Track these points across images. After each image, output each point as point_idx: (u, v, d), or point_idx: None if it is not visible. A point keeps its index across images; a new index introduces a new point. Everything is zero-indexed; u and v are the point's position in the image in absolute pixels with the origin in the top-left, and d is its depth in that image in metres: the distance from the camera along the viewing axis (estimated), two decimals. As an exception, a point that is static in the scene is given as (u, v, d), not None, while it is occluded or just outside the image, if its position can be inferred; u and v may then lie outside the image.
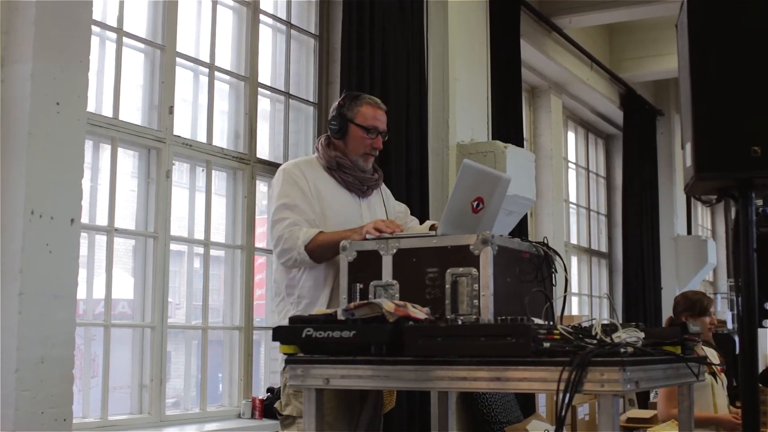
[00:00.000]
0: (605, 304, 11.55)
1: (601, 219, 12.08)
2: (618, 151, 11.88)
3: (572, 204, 11.14)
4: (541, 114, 9.87)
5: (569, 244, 10.66)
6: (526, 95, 9.70)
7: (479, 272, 3.04)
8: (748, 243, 2.32)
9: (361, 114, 3.85)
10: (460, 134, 6.97)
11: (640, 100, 11.42)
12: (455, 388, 2.98)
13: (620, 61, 11.08)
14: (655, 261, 11.64)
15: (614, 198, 12.08)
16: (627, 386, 2.56)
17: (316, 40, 6.59)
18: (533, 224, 9.30)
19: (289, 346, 2.96)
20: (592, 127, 11.88)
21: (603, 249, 11.97)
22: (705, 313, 5.57)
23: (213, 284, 5.77)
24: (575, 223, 11.25)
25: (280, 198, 3.71)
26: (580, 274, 11.23)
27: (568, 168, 11.02)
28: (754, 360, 2.33)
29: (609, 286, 11.87)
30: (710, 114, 2.30)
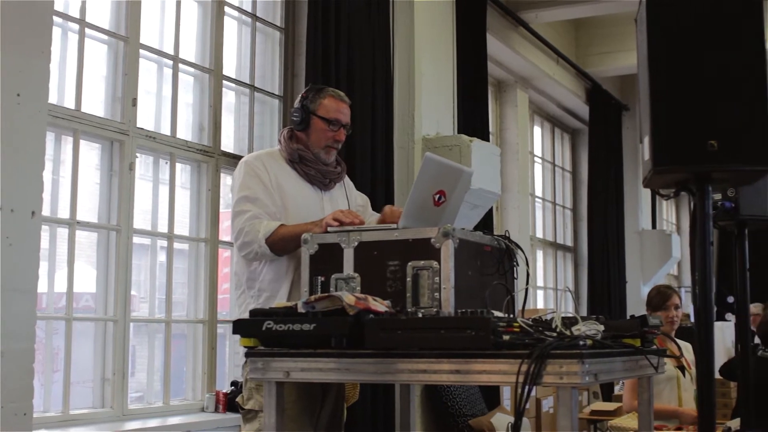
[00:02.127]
0: (570, 298, 11.61)
1: (567, 213, 12.14)
2: (584, 146, 11.94)
3: (538, 198, 11.18)
4: (508, 108, 9.90)
5: (535, 238, 10.70)
6: (493, 89, 9.72)
7: (440, 265, 3.04)
8: (705, 236, 2.33)
9: (324, 106, 3.84)
10: (426, 128, 6.97)
11: (605, 95, 11.48)
12: (415, 380, 2.98)
13: (586, 56, 11.13)
14: (619, 255, 11.72)
15: (580, 192, 12.14)
16: (586, 378, 2.57)
17: (282, 33, 6.57)
18: (499, 218, 9.32)
19: (249, 339, 2.95)
20: (558, 121, 11.93)
21: (568, 243, 12.03)
22: (659, 307, 5.60)
23: (177, 277, 5.73)
24: (541, 217, 11.29)
25: (241, 191, 3.69)
26: (546, 268, 11.28)
27: (534, 162, 11.05)
28: (710, 353, 2.35)
29: (574, 280, 11.93)
30: (668, 108, 2.31)
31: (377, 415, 5.99)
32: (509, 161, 9.56)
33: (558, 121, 11.94)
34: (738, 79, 2.31)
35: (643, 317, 3.09)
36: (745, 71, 2.32)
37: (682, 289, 14.89)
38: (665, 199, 2.56)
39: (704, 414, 2.35)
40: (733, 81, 2.31)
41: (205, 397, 5.61)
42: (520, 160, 9.72)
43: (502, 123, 9.85)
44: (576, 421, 2.58)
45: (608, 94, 11.53)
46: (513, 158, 9.64)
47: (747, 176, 2.40)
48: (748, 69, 2.32)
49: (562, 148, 12.23)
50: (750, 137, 2.28)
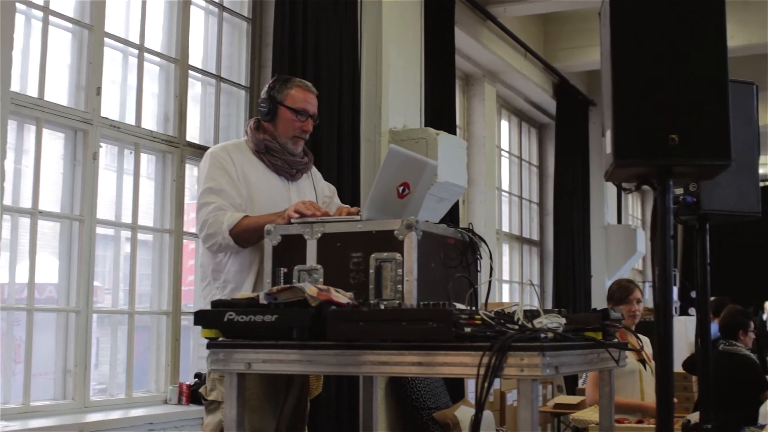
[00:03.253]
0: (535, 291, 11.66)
1: (533, 207, 12.19)
2: (550, 140, 12.00)
3: (504, 192, 11.22)
4: (475, 102, 9.92)
5: (501, 232, 10.74)
6: (460, 83, 9.74)
7: (403, 257, 3.04)
8: (666, 230, 2.35)
9: (291, 96, 3.83)
10: (393, 121, 6.97)
11: (572, 90, 11.53)
12: (377, 372, 2.98)
13: (554, 51, 11.17)
14: (585, 249, 11.79)
15: (546, 186, 12.20)
16: (547, 371, 2.58)
17: (249, 23, 6.54)
18: (465, 211, 9.34)
19: (210, 330, 2.94)
20: (525, 116, 11.97)
21: (534, 237, 12.08)
22: (622, 301, 5.64)
23: (141, 269, 5.70)
24: (507, 211, 11.33)
25: (206, 182, 3.68)
26: (511, 262, 11.32)
27: (501, 156, 11.08)
28: (669, 346, 2.36)
29: (539, 274, 11.99)
30: (630, 102, 2.32)
31: (341, 408, 5.99)
32: (476, 155, 9.58)
33: (525, 116, 11.98)
34: (699, 74, 2.33)
35: (605, 310, 3.10)
36: (706, 66, 2.34)
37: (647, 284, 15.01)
38: (627, 192, 2.58)
39: (662, 406, 2.36)
40: (695, 76, 2.32)
41: (169, 389, 5.58)
42: (487, 153, 9.74)
43: (470, 117, 9.87)
44: (537, 413, 2.59)
45: (575, 89, 11.58)
46: (480, 152, 9.66)
47: (708, 171, 2.42)
48: (710, 64, 2.34)
49: (529, 142, 12.27)
50: (711, 132, 2.30)
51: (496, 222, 10.34)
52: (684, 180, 2.83)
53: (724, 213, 3.19)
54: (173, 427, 5.29)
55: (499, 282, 10.41)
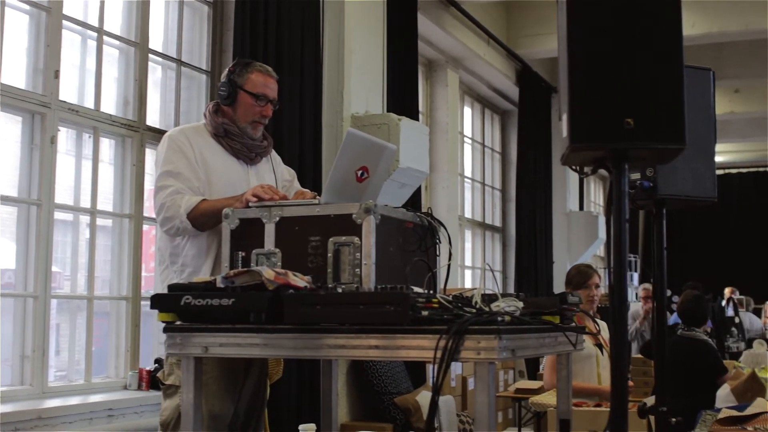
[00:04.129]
0: (498, 278, 11.71)
1: (496, 194, 12.23)
2: (513, 127, 12.03)
3: (467, 178, 11.24)
4: (438, 88, 9.92)
5: (463, 218, 10.76)
6: (423, 69, 9.73)
7: (361, 241, 3.04)
8: (621, 213, 2.36)
9: (252, 81, 3.81)
10: (355, 106, 6.95)
11: (535, 77, 11.56)
12: (334, 355, 2.98)
13: (517, 37, 11.18)
14: (547, 236, 11.85)
15: (509, 173, 12.23)
16: (503, 354, 2.59)
17: (210, 7, 6.49)
18: (427, 198, 9.36)
19: (167, 314, 2.93)
20: (488, 102, 11.99)
21: (497, 223, 12.13)
22: (581, 285, 5.67)
23: (100, 254, 5.65)
24: (470, 198, 11.35)
25: (164, 165, 3.65)
26: (474, 248, 11.36)
27: (464, 142, 11.09)
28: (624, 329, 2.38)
29: (502, 260, 12.04)
30: (586, 86, 2.33)
31: (302, 393, 5.99)
32: (439, 141, 9.59)
33: (488, 102, 12.00)
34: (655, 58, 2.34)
35: (563, 295, 3.12)
36: (662, 50, 2.35)
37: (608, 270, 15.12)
38: (583, 176, 2.59)
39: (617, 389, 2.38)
40: (651, 60, 2.34)
41: (128, 374, 5.55)
42: (450, 140, 9.75)
43: (433, 103, 9.87)
44: (493, 396, 2.60)
45: (538, 76, 11.61)
46: (442, 138, 9.67)
47: (663, 155, 2.43)
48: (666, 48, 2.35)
49: (492, 128, 12.30)
50: (665, 116, 2.31)
51: (459, 208, 10.36)
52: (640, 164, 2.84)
53: (680, 198, 3.21)
54: (133, 412, 5.27)
55: (462, 268, 10.44)
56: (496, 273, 11.83)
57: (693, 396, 6.10)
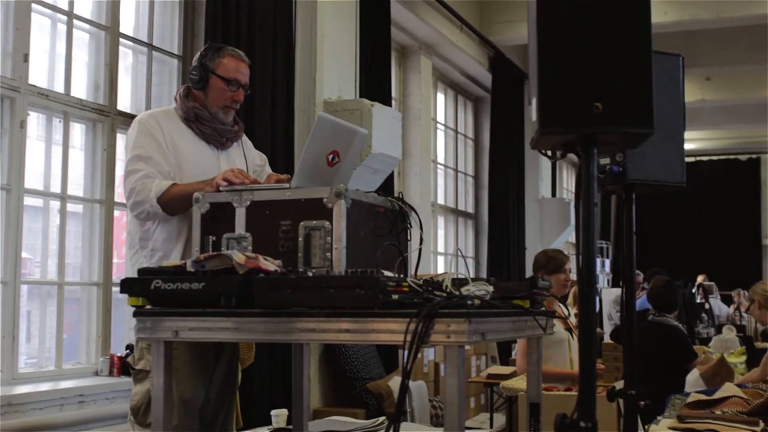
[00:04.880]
0: (470, 264, 11.74)
1: (469, 180, 12.25)
2: (486, 114, 12.05)
3: (440, 165, 11.25)
4: (411, 74, 9.92)
5: (436, 204, 10.78)
6: (396, 55, 9.72)
7: (332, 225, 3.04)
8: (589, 198, 2.37)
9: (223, 65, 3.79)
10: (327, 92, 6.94)
11: (508, 64, 11.57)
12: (305, 339, 2.98)
13: (490, 24, 11.19)
14: (520, 222, 11.89)
15: (481, 160, 12.26)
16: (473, 337, 2.60)
17: (181, -9, 6.47)
18: (400, 184, 9.36)
19: (137, 298, 2.91)
20: (461, 89, 12.00)
21: (470, 210, 12.15)
22: (558, 270, 5.71)
23: (71, 240, 5.62)
24: (442, 184, 11.37)
25: (134, 149, 3.63)
26: (447, 234, 11.38)
27: (437, 129, 11.11)
28: (592, 313, 2.39)
29: (474, 247, 12.07)
30: (555, 70, 2.33)
31: (275, 379, 5.99)
32: (412, 127, 9.60)
33: (461, 89, 12.01)
34: (624, 42, 2.34)
35: (533, 279, 3.14)
36: (631, 35, 2.35)
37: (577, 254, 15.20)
38: (552, 160, 2.59)
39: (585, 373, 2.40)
40: (620, 44, 2.34)
41: (100, 360, 5.53)
42: (423, 126, 9.75)
43: (406, 89, 9.87)
44: (463, 379, 2.61)
45: (511, 63, 11.63)
46: (415, 124, 9.67)
47: (631, 139, 2.44)
48: (635, 32, 2.36)
49: (465, 115, 12.31)
50: (634, 101, 2.32)
51: (432, 194, 10.37)
52: (609, 149, 2.85)
53: (649, 182, 3.22)
54: (104, 398, 5.25)
55: (434, 254, 10.46)
56: (469, 259, 11.86)
57: (663, 381, 6.15)
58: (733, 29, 12.05)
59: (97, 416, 5.11)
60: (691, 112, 15.59)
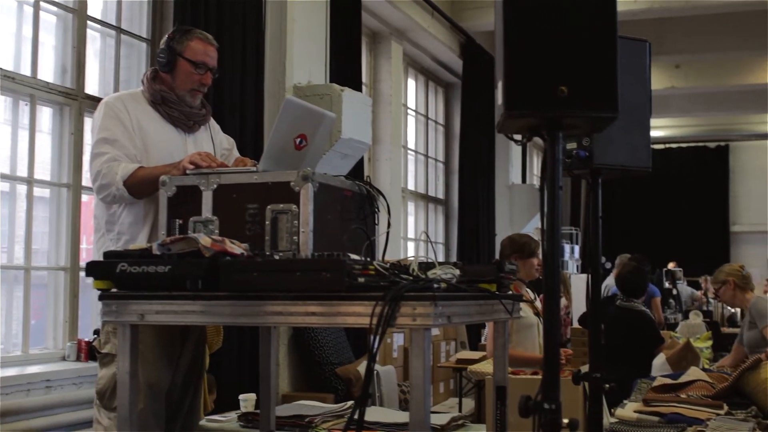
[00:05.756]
0: (440, 250, 11.77)
1: (439, 166, 12.26)
2: (457, 100, 12.05)
3: (410, 150, 11.25)
4: (382, 60, 9.90)
5: (406, 190, 10.78)
6: (367, 41, 9.70)
7: (299, 209, 3.03)
8: (554, 181, 2.38)
9: (191, 48, 3.77)
10: (297, 76, 6.93)
11: (479, 50, 11.57)
12: (271, 322, 2.98)
13: (461, 10, 11.19)
14: (490, 208, 11.92)
15: (452, 146, 12.26)
16: (439, 320, 2.61)
17: (150, -26, 6.42)
18: (371, 169, 9.36)
19: (103, 281, 2.90)
20: (432, 74, 12.00)
21: (440, 196, 12.17)
22: (533, 255, 5.72)
23: (38, 224, 5.58)
24: (413, 170, 11.38)
25: (100, 132, 3.61)
26: (417, 220, 11.40)
27: (408, 115, 11.10)
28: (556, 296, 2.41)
29: (445, 232, 12.09)
30: (520, 53, 2.34)
31: (243, 363, 5.99)
32: (382, 113, 9.59)
33: (432, 75, 12.01)
34: (590, 26, 2.36)
35: (500, 262, 3.14)
36: (596, 19, 2.36)
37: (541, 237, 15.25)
38: (518, 144, 2.60)
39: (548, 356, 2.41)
40: (585, 29, 2.35)
41: (67, 345, 5.50)
42: (393, 112, 9.75)
43: (376, 74, 9.86)
44: (429, 362, 2.62)
45: (482, 49, 11.63)
46: (386, 110, 9.66)
47: (596, 123, 2.46)
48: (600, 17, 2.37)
49: (436, 101, 12.32)
50: (599, 85, 2.33)
51: (402, 180, 10.37)
52: (574, 132, 2.86)
53: (615, 167, 3.24)
54: (71, 383, 5.23)
55: (404, 240, 10.47)
56: (439, 245, 11.88)
57: (630, 365, 6.20)
58: (702, 17, 12.12)
59: (63, 401, 5.09)
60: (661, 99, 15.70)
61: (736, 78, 15.22)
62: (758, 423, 4.03)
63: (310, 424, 4.04)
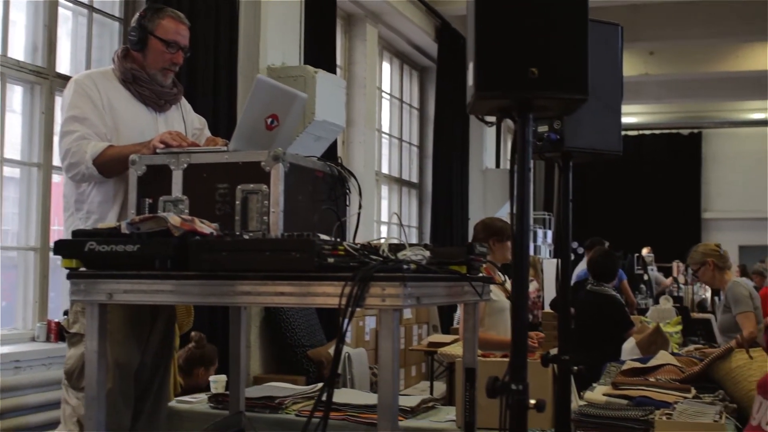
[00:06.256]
0: (413, 233, 11.78)
1: (413, 150, 12.26)
2: (431, 84, 12.03)
3: (385, 134, 11.24)
4: (357, 42, 9.86)
5: (380, 174, 10.78)
6: (342, 23, 9.67)
7: (270, 189, 3.02)
8: (524, 163, 2.38)
9: (163, 27, 3.74)
10: (271, 58, 6.90)
11: (454, 34, 11.55)
12: (240, 302, 2.97)
13: (437, -6, 11.18)
14: (463, 192, 11.94)
15: (426, 130, 12.26)
16: (408, 301, 2.61)
17: (123, -47, 6.37)
18: (344, 152, 9.34)
19: (71, 260, 2.88)
20: (407, 58, 11.98)
21: (414, 179, 12.17)
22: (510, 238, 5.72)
23: (9, 206, 5.54)
24: (387, 153, 11.37)
25: (69, 110, 3.58)
26: (390, 204, 11.40)
27: (382, 98, 11.08)
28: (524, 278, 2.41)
29: (418, 216, 12.10)
30: (492, 34, 2.33)
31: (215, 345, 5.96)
32: (356, 96, 9.56)
33: (407, 58, 11.99)
34: (561, 9, 2.35)
35: (470, 245, 3.14)
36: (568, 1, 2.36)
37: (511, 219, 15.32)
38: (489, 125, 2.60)
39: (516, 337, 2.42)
40: (556, 11, 2.35)
41: (36, 326, 5.47)
42: (368, 95, 9.72)
43: (351, 57, 9.82)
44: (397, 343, 2.62)
45: (457, 33, 11.61)
46: (360, 93, 9.63)
47: (566, 105, 2.46)
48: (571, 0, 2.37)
49: (410, 85, 12.30)
50: (569, 67, 2.33)
51: (376, 164, 10.37)
52: (544, 114, 2.86)
53: (586, 150, 3.24)
54: (40, 364, 5.20)
55: (378, 223, 10.47)
56: (412, 229, 11.89)
57: (600, 349, 6.23)
58: (677, 4, 12.17)
59: (32, 382, 5.07)
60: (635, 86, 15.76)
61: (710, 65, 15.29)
62: (725, 407, 4.05)
63: (280, 405, 4.03)
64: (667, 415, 3.76)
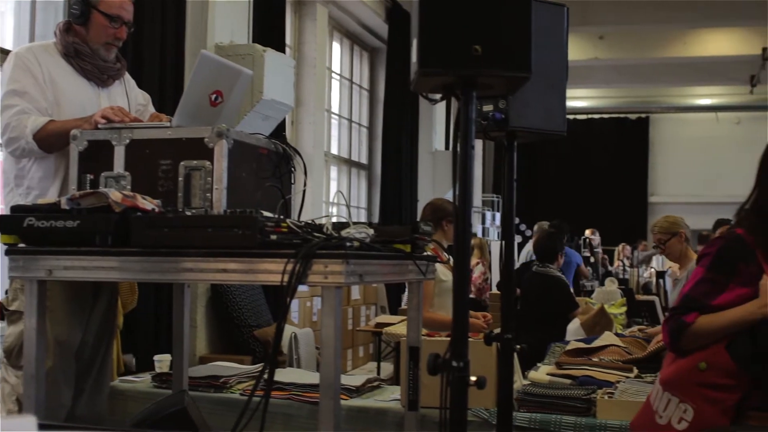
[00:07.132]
0: (362, 215, 11.79)
1: (363, 131, 12.24)
2: (382, 65, 12.01)
3: (334, 115, 11.21)
4: (307, 22, 9.80)
5: (329, 154, 10.75)
6: (292, 3, 9.60)
7: (213, 165, 3.00)
8: (467, 140, 2.38)
9: (106, 2, 3.68)
10: (219, 36, 6.83)
11: (405, 15, 11.51)
12: (181, 279, 2.96)
13: (388, -26, 11.15)
14: (413, 174, 11.95)
15: (376, 111, 12.24)
16: (350, 278, 2.61)
17: (68, -74, 6.25)
18: (293, 132, 9.30)
19: (10, 236, 2.84)
20: (357, 39, 11.94)
21: (363, 161, 12.16)
22: None
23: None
24: (336, 134, 11.34)
25: (9, 84, 3.52)
26: (340, 185, 11.38)
27: (332, 78, 11.04)
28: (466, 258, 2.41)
29: (367, 197, 12.10)
30: (436, 11, 2.33)
31: (160, 324, 5.93)
32: (306, 76, 9.51)
33: (357, 39, 11.95)
34: (505, -13, 2.36)
35: (415, 224, 3.15)
36: (512, -20, 2.37)
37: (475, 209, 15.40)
38: (432, 103, 2.60)
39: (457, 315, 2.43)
40: (501, -11, 2.35)
41: (-24, 305, 5.39)
42: (318, 75, 9.68)
43: (301, 37, 9.76)
44: (339, 320, 2.62)
45: (408, 14, 11.58)
46: (310, 73, 9.58)
47: (509, 83, 2.46)
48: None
49: (361, 65, 12.27)
50: (513, 45, 2.33)
51: (325, 144, 10.33)
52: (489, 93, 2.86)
53: (531, 130, 3.25)
54: (-19, 343, 5.12)
55: (327, 204, 10.45)
56: (361, 210, 11.89)
57: (545, 329, 6.28)
58: (627, -12, 12.27)
59: (-27, 361, 4.99)
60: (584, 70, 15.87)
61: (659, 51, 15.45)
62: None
63: (224, 384, 4.02)
64: (609, 395, 3.81)
